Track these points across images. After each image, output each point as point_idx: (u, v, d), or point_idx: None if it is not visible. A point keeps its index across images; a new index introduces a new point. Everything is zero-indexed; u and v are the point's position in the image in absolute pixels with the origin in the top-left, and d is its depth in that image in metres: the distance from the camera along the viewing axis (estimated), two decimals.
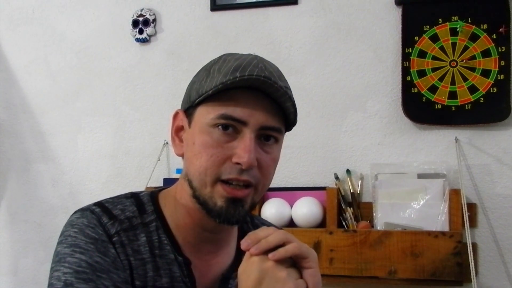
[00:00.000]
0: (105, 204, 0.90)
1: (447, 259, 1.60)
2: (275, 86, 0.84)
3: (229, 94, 0.84)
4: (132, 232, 0.88)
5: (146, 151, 2.07)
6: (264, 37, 1.96)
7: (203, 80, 0.87)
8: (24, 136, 2.22)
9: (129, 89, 2.11)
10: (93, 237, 0.84)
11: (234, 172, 0.84)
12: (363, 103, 1.87)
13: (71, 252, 0.83)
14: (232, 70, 0.84)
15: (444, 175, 1.72)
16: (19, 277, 2.21)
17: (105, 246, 0.84)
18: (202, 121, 0.86)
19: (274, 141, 0.88)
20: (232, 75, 0.83)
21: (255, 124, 0.84)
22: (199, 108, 0.87)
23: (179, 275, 0.89)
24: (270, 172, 0.89)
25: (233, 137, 0.85)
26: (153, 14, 2.07)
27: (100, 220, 0.86)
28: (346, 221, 1.78)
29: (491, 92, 1.74)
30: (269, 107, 0.86)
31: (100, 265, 0.82)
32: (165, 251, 0.89)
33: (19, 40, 2.24)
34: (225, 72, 0.84)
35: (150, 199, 0.93)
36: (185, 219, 0.91)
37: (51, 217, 2.17)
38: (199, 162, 0.85)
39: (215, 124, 0.84)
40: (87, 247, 0.83)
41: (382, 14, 1.86)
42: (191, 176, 0.87)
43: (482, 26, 1.75)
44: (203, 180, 0.85)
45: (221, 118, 0.84)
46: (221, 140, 0.84)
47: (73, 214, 0.90)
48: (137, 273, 0.86)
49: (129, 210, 0.90)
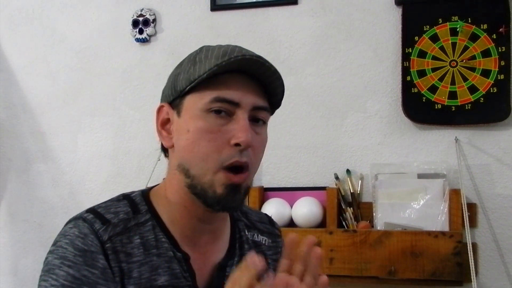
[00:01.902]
0: (98, 209, 0.90)
1: (447, 259, 1.60)
2: (266, 64, 0.86)
3: (219, 79, 0.86)
4: (125, 235, 0.88)
5: (146, 151, 2.07)
6: (264, 37, 1.96)
7: (190, 69, 0.89)
8: (24, 136, 2.23)
9: (129, 89, 2.11)
10: (83, 249, 0.84)
11: (235, 155, 0.85)
12: (363, 103, 1.87)
13: (59, 264, 0.83)
14: (222, 54, 0.86)
15: (444, 175, 1.72)
16: (19, 277, 2.21)
17: (94, 258, 0.84)
18: (195, 107, 0.87)
19: (263, 122, 0.91)
20: (222, 58, 0.85)
21: (248, 105, 0.86)
22: (189, 96, 0.88)
23: (179, 271, 0.90)
24: (261, 153, 0.92)
25: (227, 120, 0.86)
26: (153, 14, 2.07)
27: (92, 227, 0.86)
28: (346, 221, 1.78)
29: (491, 92, 1.74)
30: (257, 88, 0.88)
31: (87, 279, 0.82)
32: (163, 249, 0.89)
33: (19, 40, 2.24)
34: (216, 56, 0.86)
35: (143, 198, 0.94)
36: (181, 213, 0.91)
37: (51, 217, 2.17)
38: (197, 148, 0.86)
39: (209, 108, 0.86)
40: (75, 260, 0.83)
41: (382, 14, 1.86)
42: (189, 164, 0.87)
43: (482, 26, 1.75)
44: (205, 168, 0.86)
45: (215, 101, 0.85)
46: (216, 124, 0.86)
47: (67, 223, 0.90)
48: (130, 277, 0.86)
49: (123, 212, 0.90)
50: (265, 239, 1.05)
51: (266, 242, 1.05)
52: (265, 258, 1.03)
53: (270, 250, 1.05)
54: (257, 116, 0.89)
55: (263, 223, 1.08)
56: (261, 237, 1.04)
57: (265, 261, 1.00)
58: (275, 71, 0.88)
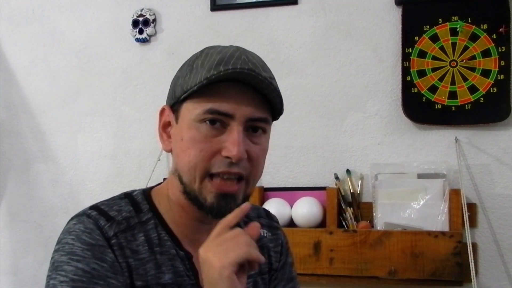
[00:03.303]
0: (101, 206, 0.90)
1: (447, 259, 1.60)
2: (259, 77, 0.84)
3: (214, 89, 0.85)
4: (130, 232, 0.88)
5: (146, 151, 2.07)
6: (264, 37, 1.96)
7: (186, 76, 0.88)
8: (24, 136, 2.22)
9: (129, 89, 2.11)
10: (90, 243, 0.84)
11: (224, 165, 0.85)
12: (363, 103, 1.87)
13: (67, 260, 0.83)
14: (216, 64, 0.84)
15: (444, 175, 1.72)
16: (19, 277, 2.21)
17: (102, 252, 0.84)
18: (189, 117, 0.87)
19: (262, 131, 0.89)
20: (215, 69, 0.84)
21: (242, 117, 0.85)
22: (185, 104, 0.88)
23: (182, 270, 0.90)
24: (260, 162, 0.90)
25: (221, 131, 0.85)
26: (153, 14, 2.07)
27: (97, 224, 0.86)
28: (346, 221, 1.78)
29: (491, 92, 1.74)
30: (255, 99, 0.86)
31: (97, 272, 0.82)
32: (166, 247, 0.90)
33: (19, 40, 2.24)
34: (209, 66, 0.85)
35: (144, 197, 0.94)
36: (180, 214, 0.92)
37: (51, 217, 2.17)
38: (188, 157, 0.86)
39: (202, 119, 0.85)
40: (83, 254, 0.83)
41: (382, 14, 1.86)
42: (181, 171, 0.88)
43: (482, 26, 1.75)
44: (192, 175, 0.86)
45: (208, 113, 0.85)
46: (209, 135, 0.85)
47: (70, 220, 0.90)
48: (138, 273, 0.86)
49: (125, 210, 0.90)
50: (265, 232, 1.06)
51: (266, 235, 1.06)
52: (268, 251, 1.05)
53: (272, 243, 1.06)
54: (255, 125, 0.88)
55: (261, 217, 1.08)
56: (261, 231, 1.05)
57: (268, 254, 1.00)
58: (269, 84, 0.86)
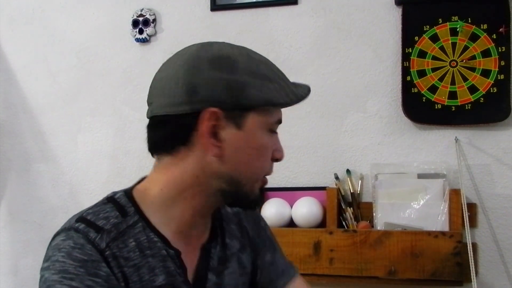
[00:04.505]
0: (87, 217, 0.88)
1: (447, 259, 1.60)
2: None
3: None
4: (120, 239, 0.87)
5: (146, 151, 2.05)
6: (264, 37, 1.96)
7: (263, 87, 0.89)
8: (24, 136, 2.22)
9: (129, 89, 2.11)
10: (82, 259, 0.82)
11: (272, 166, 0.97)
12: (363, 103, 1.87)
13: (60, 279, 0.80)
14: (290, 83, 0.94)
15: (444, 175, 1.72)
16: (19, 277, 2.21)
17: (95, 267, 0.82)
18: (261, 125, 0.91)
19: None
20: (293, 94, 0.93)
21: None
22: (254, 112, 0.90)
23: (173, 268, 0.90)
24: None
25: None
26: (153, 14, 2.07)
27: (87, 237, 0.84)
28: (346, 221, 1.78)
29: (491, 92, 1.74)
30: None
31: None
32: (156, 248, 0.89)
33: (19, 40, 2.24)
34: (285, 83, 0.93)
35: (128, 199, 0.93)
36: (183, 211, 0.92)
37: (51, 217, 2.17)
38: (261, 163, 0.93)
39: (272, 128, 0.94)
40: (76, 272, 0.81)
41: (382, 14, 1.86)
42: (242, 177, 0.91)
43: (482, 26, 1.75)
44: (254, 179, 0.93)
45: (278, 123, 0.96)
46: (273, 142, 0.96)
47: (57, 236, 0.87)
48: (133, 281, 0.86)
49: (112, 216, 0.89)
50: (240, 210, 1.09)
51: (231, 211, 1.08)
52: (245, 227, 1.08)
53: (248, 217, 1.10)
54: None
55: None
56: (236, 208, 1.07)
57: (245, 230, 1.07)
58: None
